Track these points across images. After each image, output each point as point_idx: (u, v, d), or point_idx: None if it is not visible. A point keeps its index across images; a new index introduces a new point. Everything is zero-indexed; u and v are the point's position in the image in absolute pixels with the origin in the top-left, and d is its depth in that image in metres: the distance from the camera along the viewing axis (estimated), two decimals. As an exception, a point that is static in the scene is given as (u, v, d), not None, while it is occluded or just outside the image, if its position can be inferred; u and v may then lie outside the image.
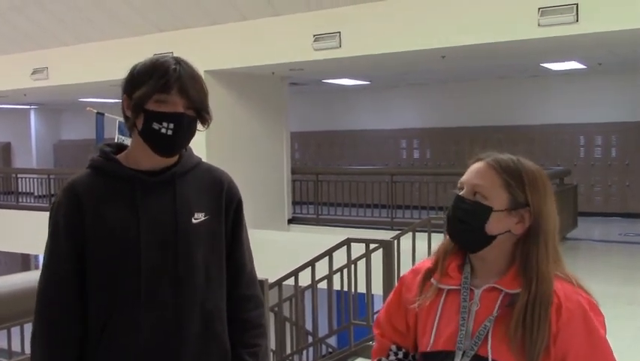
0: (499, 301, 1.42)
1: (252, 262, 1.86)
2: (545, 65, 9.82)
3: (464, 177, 1.49)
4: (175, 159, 1.74)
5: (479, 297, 1.45)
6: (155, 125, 1.64)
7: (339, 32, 7.50)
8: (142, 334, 1.64)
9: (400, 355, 1.58)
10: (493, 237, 1.43)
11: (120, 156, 1.73)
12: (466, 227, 1.45)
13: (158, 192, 1.69)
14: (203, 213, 1.72)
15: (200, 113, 1.68)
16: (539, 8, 6.22)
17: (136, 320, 1.64)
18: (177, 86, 1.62)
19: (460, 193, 1.47)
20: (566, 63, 9.73)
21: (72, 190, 1.67)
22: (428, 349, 1.47)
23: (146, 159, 1.70)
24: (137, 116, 1.66)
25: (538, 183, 1.46)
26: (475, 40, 6.80)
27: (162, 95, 1.62)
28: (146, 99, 1.63)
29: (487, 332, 1.40)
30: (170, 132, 1.64)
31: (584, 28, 6.13)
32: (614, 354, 1.40)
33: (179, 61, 1.67)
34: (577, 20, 6.07)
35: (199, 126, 1.72)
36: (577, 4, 6.06)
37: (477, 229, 1.43)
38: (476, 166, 1.49)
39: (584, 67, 10.15)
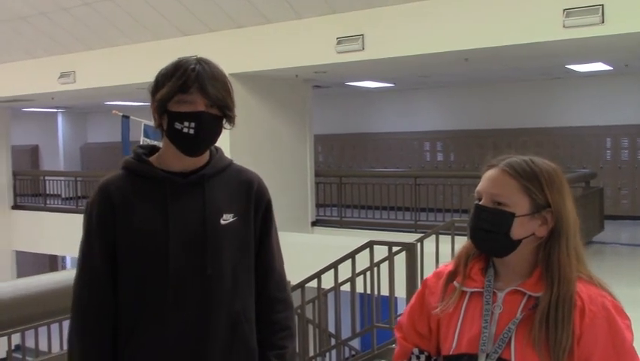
0: (522, 304, 1.42)
1: (282, 263, 1.86)
2: (571, 66, 9.71)
3: (480, 186, 1.48)
4: (205, 160, 1.76)
5: (502, 300, 1.44)
6: (178, 125, 1.66)
7: (362, 35, 7.49)
8: (169, 333, 1.66)
9: (422, 358, 1.57)
10: (519, 241, 1.43)
11: (152, 158, 1.75)
12: (491, 236, 1.44)
13: (187, 193, 1.71)
14: (232, 215, 1.73)
15: (224, 111, 1.69)
16: (564, 9, 6.15)
17: (164, 319, 1.66)
18: (196, 85, 1.63)
19: (480, 203, 1.46)
20: (591, 65, 9.60)
21: (105, 190, 1.70)
22: (451, 352, 1.47)
23: (177, 161, 1.72)
24: (161, 117, 1.69)
25: (556, 182, 1.44)
26: (499, 42, 6.74)
27: (183, 95, 1.64)
28: (167, 100, 1.65)
29: (511, 335, 1.39)
30: (192, 131, 1.65)
31: (610, 30, 6.04)
32: (640, 358, 1.39)
33: (200, 61, 1.68)
34: (603, 21, 5.99)
35: (225, 125, 1.73)
36: (602, 5, 5.98)
37: (502, 236, 1.42)
38: (491, 174, 1.47)
39: (610, 68, 10.02)
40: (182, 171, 1.72)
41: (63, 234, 10.67)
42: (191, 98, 1.64)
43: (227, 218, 1.73)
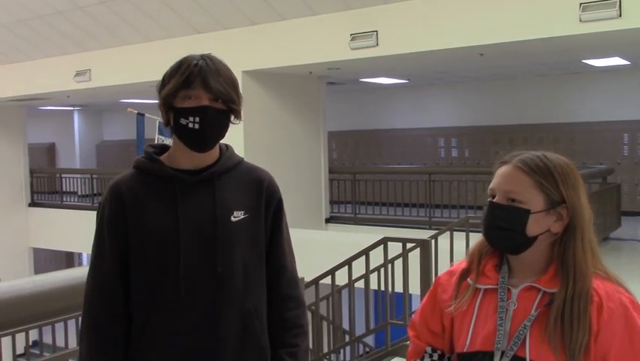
0: (537, 301, 1.41)
1: (294, 261, 1.86)
2: (587, 61, 9.62)
3: (494, 184, 1.46)
4: (215, 158, 1.76)
5: (517, 296, 1.43)
6: (183, 121, 1.66)
7: (376, 31, 7.47)
8: (181, 332, 1.67)
9: (435, 356, 1.56)
10: (535, 238, 1.42)
11: (163, 157, 1.76)
12: (507, 233, 1.42)
13: (197, 191, 1.71)
14: (242, 212, 1.73)
15: (229, 105, 1.69)
16: (581, 4, 6.09)
17: (175, 318, 1.67)
18: (199, 80, 1.64)
19: (494, 200, 1.45)
20: (608, 59, 9.50)
21: (116, 190, 1.71)
22: (465, 350, 1.46)
23: (186, 159, 1.73)
24: (168, 114, 1.70)
25: (570, 177, 1.43)
26: (515, 37, 6.69)
27: (187, 91, 1.65)
28: (171, 97, 1.66)
29: (526, 333, 1.38)
30: (197, 126, 1.65)
31: (627, 24, 5.97)
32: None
33: (204, 57, 1.68)
34: (620, 15, 5.92)
35: (232, 120, 1.73)
36: (620, -1, 5.91)
37: (518, 233, 1.41)
38: (504, 170, 1.46)
39: (628, 63, 9.91)
40: (192, 168, 1.73)
41: (79, 231, 10.76)
42: (195, 93, 1.65)
43: (237, 215, 1.73)
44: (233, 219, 1.72)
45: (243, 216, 1.73)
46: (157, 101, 1.72)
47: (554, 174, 1.42)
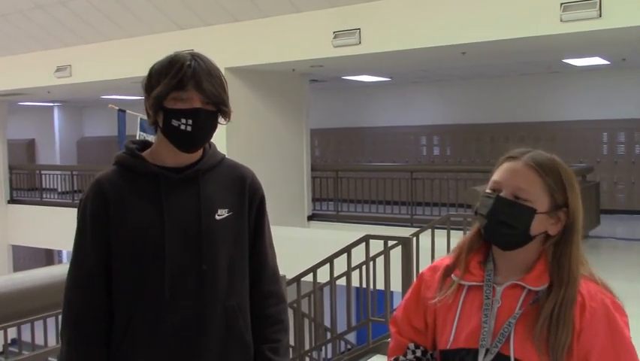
0: (521, 299, 1.41)
1: (275, 257, 1.87)
2: (568, 60, 9.71)
3: (501, 178, 1.44)
4: (199, 155, 1.75)
5: (501, 294, 1.43)
6: (174, 122, 1.65)
7: (359, 29, 7.48)
8: (165, 329, 1.66)
9: (418, 353, 1.55)
10: (533, 237, 1.42)
11: (145, 153, 1.74)
12: (510, 229, 1.41)
13: (181, 189, 1.71)
14: (226, 210, 1.73)
15: (219, 107, 1.69)
16: (561, 3, 6.14)
17: (159, 316, 1.66)
18: (192, 82, 1.63)
19: (501, 194, 1.43)
20: (588, 59, 9.60)
21: (98, 187, 1.69)
22: (448, 346, 1.46)
23: (170, 156, 1.71)
24: (156, 114, 1.68)
25: (574, 183, 1.43)
26: (496, 36, 6.74)
27: (179, 93, 1.63)
28: (163, 97, 1.64)
29: (510, 331, 1.38)
30: (189, 128, 1.64)
31: (607, 24, 6.04)
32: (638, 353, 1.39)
33: (195, 57, 1.67)
34: (600, 15, 5.99)
35: (220, 120, 1.72)
36: (600, -1, 5.98)
37: (521, 230, 1.40)
38: (513, 166, 1.44)
39: (608, 62, 10.02)
40: (175, 166, 1.72)
41: (59, 228, 10.66)
42: (187, 95, 1.64)
43: (221, 213, 1.72)
44: (217, 217, 1.72)
45: (227, 215, 1.73)
46: (139, 98, 1.70)
47: (563, 178, 1.42)
